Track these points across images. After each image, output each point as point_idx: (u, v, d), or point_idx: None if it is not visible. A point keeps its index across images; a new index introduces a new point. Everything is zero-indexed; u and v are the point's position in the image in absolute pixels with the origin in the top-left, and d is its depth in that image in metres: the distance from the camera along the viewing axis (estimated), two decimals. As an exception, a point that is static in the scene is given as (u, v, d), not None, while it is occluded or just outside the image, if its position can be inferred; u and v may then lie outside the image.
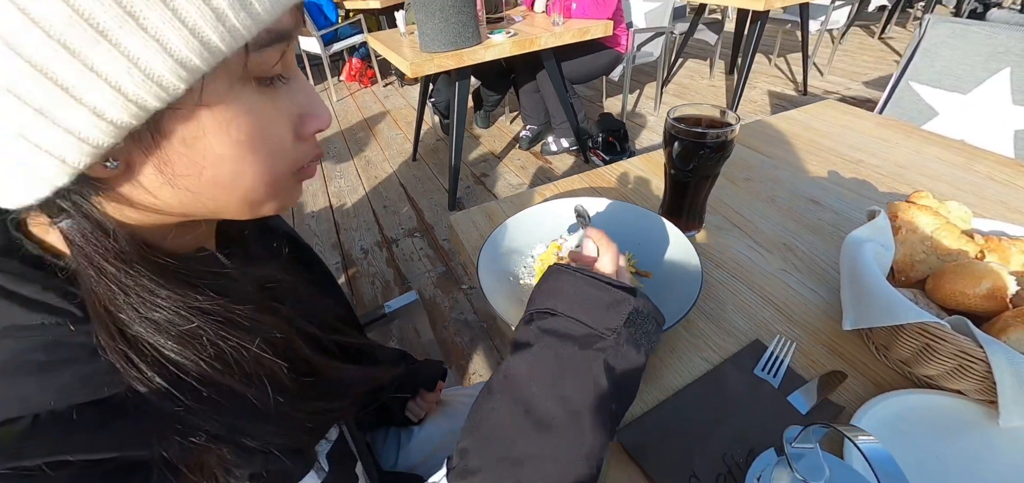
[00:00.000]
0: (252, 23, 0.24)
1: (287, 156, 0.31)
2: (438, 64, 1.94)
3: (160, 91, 0.23)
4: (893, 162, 0.90)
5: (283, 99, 0.30)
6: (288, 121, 0.31)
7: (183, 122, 0.25)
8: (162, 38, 0.22)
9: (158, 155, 0.26)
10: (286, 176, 0.32)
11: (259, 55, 0.27)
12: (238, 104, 0.27)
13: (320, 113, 0.33)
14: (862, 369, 0.51)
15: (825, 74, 3.67)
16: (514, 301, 0.60)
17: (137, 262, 0.28)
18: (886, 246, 0.53)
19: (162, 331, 0.28)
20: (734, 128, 0.61)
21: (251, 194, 0.31)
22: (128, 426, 0.27)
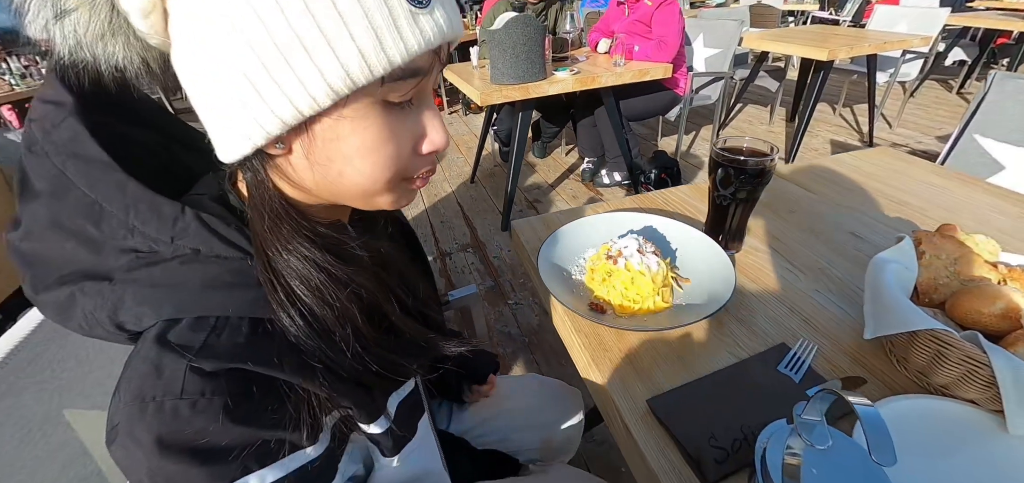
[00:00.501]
0: (387, 63, 0.31)
1: (402, 165, 0.38)
2: (505, 95, 2.11)
3: (314, 103, 0.31)
4: (941, 206, 0.93)
5: (409, 119, 0.38)
6: (409, 138, 0.38)
7: (327, 125, 0.34)
8: (323, 68, 0.30)
9: (308, 146, 0.35)
10: (398, 180, 0.39)
11: (392, 85, 0.34)
12: (368, 119, 0.34)
13: (436, 138, 0.40)
14: (882, 377, 0.56)
15: (894, 126, 3.55)
16: (565, 288, 0.70)
17: (283, 216, 0.37)
18: (909, 268, 0.59)
19: (292, 270, 0.37)
20: (772, 158, 0.69)
21: (367, 189, 0.38)
22: (270, 342, 0.37)
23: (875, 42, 2.68)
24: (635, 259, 0.65)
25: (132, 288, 0.34)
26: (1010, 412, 0.46)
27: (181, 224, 0.35)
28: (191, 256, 0.36)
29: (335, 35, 0.30)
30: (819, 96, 2.79)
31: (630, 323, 0.63)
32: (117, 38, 0.32)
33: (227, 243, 0.37)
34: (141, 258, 0.35)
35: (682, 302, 0.68)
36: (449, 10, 0.35)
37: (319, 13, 0.29)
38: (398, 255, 0.48)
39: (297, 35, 0.29)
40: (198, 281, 0.35)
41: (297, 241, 0.37)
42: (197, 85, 0.33)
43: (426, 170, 0.41)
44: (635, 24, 2.54)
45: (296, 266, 0.37)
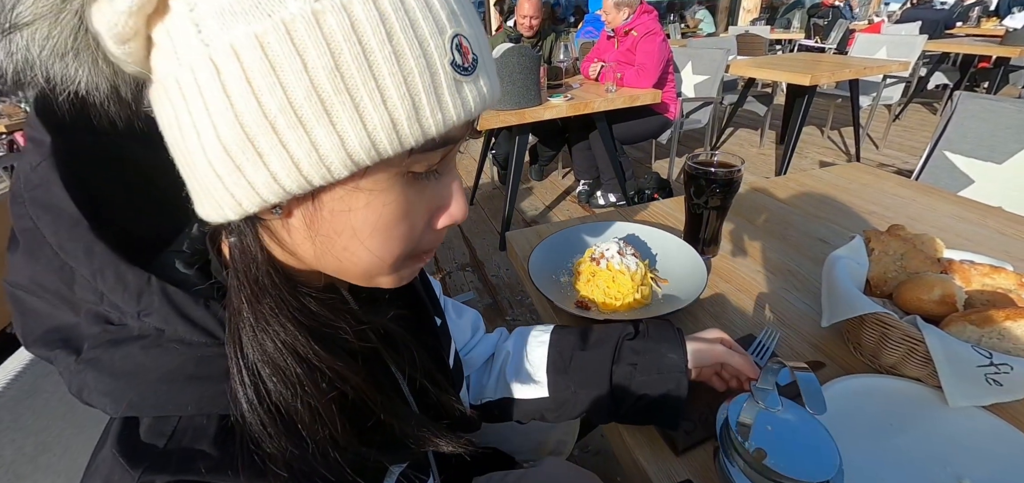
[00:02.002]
0: (421, 135, 0.27)
1: (414, 241, 0.33)
2: (503, 120, 2.21)
3: (327, 173, 0.26)
4: (906, 215, 1.00)
5: (429, 190, 0.32)
6: (426, 211, 0.33)
7: (338, 197, 0.29)
8: (343, 134, 0.25)
9: (311, 216, 0.29)
10: (406, 258, 0.34)
11: (422, 157, 0.29)
12: (388, 194, 0.29)
13: (456, 211, 0.34)
14: (839, 362, 0.62)
15: (881, 147, 3.66)
16: (554, 290, 0.76)
17: (268, 289, 0.31)
18: (860, 263, 0.65)
19: (265, 355, 0.31)
20: (739, 169, 0.76)
21: (371, 268, 0.33)
22: (232, 445, 0.30)
23: (856, 68, 2.80)
24: (615, 260, 0.71)
25: (93, 373, 0.30)
26: (947, 386, 0.52)
27: (146, 299, 0.30)
28: (155, 338, 0.31)
29: (365, 98, 0.25)
30: (805, 119, 2.89)
31: (612, 317, 0.69)
32: (82, 58, 0.26)
33: (192, 325, 0.31)
34: (109, 333, 0.31)
35: (660, 299, 0.74)
36: (491, 76, 0.31)
37: (349, 71, 0.25)
38: (404, 331, 0.41)
39: (318, 94, 0.24)
40: (156, 372, 0.30)
41: (279, 320, 0.31)
42: (179, 134, 0.27)
43: (438, 243, 0.36)
44: (624, 54, 2.66)
45: (270, 352, 0.31)
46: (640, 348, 0.54)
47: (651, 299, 0.73)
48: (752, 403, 0.48)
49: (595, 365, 0.55)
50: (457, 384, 0.57)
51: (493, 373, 0.63)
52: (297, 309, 0.32)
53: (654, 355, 0.53)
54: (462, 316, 0.67)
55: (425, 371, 0.44)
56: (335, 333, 0.34)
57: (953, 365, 0.51)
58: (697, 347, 0.54)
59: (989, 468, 0.49)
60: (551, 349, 0.59)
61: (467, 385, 0.64)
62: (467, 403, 0.63)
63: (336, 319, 0.34)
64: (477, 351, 0.65)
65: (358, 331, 0.35)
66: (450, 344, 0.58)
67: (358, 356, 0.35)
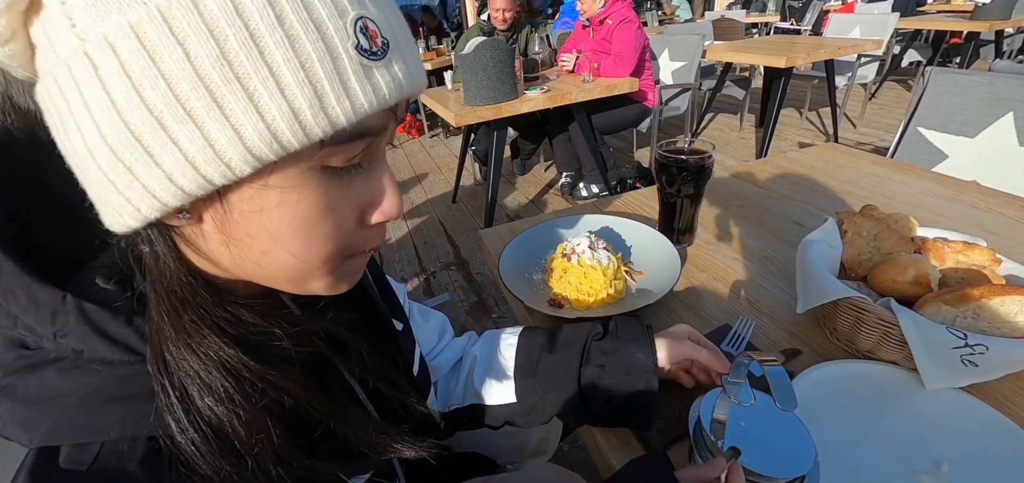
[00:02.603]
0: (328, 125, 0.25)
1: (344, 241, 0.31)
2: (479, 115, 2.18)
3: (227, 171, 0.24)
4: (882, 194, 0.99)
5: (355, 186, 0.31)
6: (354, 208, 0.31)
7: (247, 196, 0.27)
8: (239, 127, 0.23)
9: (221, 219, 0.27)
10: (338, 260, 0.32)
11: (336, 149, 0.27)
12: (302, 190, 0.27)
13: (388, 206, 0.33)
14: (816, 348, 0.61)
15: (858, 126, 3.70)
16: (527, 289, 0.74)
17: (189, 301, 0.29)
18: (834, 246, 0.64)
19: (191, 372, 0.29)
20: (710, 155, 0.74)
21: (297, 272, 0.31)
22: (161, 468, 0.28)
23: (830, 48, 2.81)
24: (587, 255, 0.69)
25: (7, 403, 0.28)
26: (922, 369, 0.51)
27: (61, 318, 0.28)
28: (72, 359, 0.29)
29: (259, 87, 0.23)
30: (783, 101, 2.90)
31: (584, 314, 0.67)
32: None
33: (113, 343, 0.29)
34: (24, 358, 0.29)
35: (635, 292, 0.72)
36: (409, 61, 0.29)
37: (238, 59, 0.23)
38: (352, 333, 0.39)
39: (205, 85, 0.22)
40: (74, 396, 0.28)
41: (201, 333, 0.29)
42: (65, 136, 0.25)
43: (373, 244, 0.34)
44: (600, 43, 2.64)
45: (196, 367, 0.29)
46: (608, 348, 0.52)
47: (625, 293, 0.72)
48: (724, 399, 0.46)
49: (563, 368, 0.53)
50: (424, 390, 0.55)
51: (461, 379, 0.61)
52: (224, 319, 0.30)
53: (622, 355, 0.51)
54: (429, 320, 0.65)
55: (380, 374, 0.42)
56: (269, 341, 0.32)
57: (928, 348, 0.50)
58: (666, 344, 0.52)
59: (966, 448, 0.47)
60: (519, 352, 0.57)
61: (435, 391, 0.61)
62: (436, 410, 0.60)
63: (271, 326, 0.32)
64: (444, 356, 0.63)
65: (296, 337, 0.33)
66: (414, 349, 0.55)
67: (298, 364, 0.33)
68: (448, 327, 0.67)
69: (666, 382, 0.54)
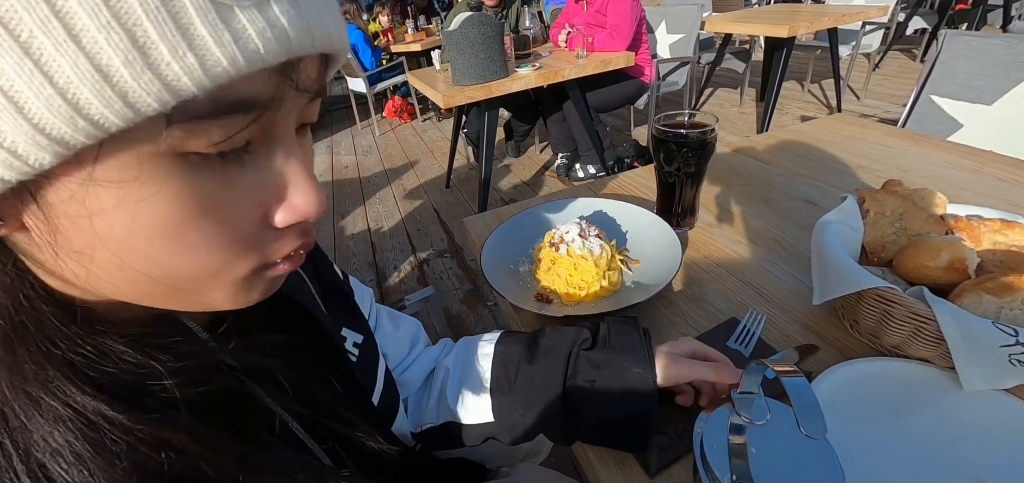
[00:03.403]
0: (164, 91, 0.18)
1: (239, 250, 0.24)
2: (468, 96, 2.08)
3: (14, 160, 0.18)
4: (896, 167, 0.91)
5: (247, 179, 0.23)
6: (249, 207, 0.24)
7: (66, 195, 0.20)
8: (20, 98, 0.17)
9: (44, 226, 0.21)
10: (237, 271, 0.25)
11: (194, 128, 0.20)
12: (150, 185, 0.20)
13: (300, 201, 0.25)
14: (835, 343, 0.54)
15: (862, 98, 3.59)
16: (513, 282, 0.67)
17: (28, 333, 0.22)
18: (854, 228, 0.57)
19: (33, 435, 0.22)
20: (713, 129, 0.67)
21: (171, 289, 0.24)
22: None
23: (834, 16, 2.70)
24: (577, 244, 0.62)
25: None
26: (961, 368, 0.44)
27: None
28: None
29: (40, 38, 0.16)
30: (784, 73, 2.80)
31: (575, 310, 0.60)
32: None
33: None
34: None
35: (631, 284, 0.65)
36: (303, 5, 0.21)
37: None
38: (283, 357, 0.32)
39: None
40: None
41: (46, 376, 0.22)
42: None
43: (293, 251, 0.27)
44: (594, 16, 2.53)
45: (44, 432, 0.22)
46: (599, 360, 0.45)
47: (620, 285, 0.64)
48: (733, 416, 0.39)
49: (544, 381, 0.46)
50: (387, 414, 0.48)
51: (433, 394, 0.54)
52: (82, 356, 0.23)
53: (616, 369, 0.44)
54: (399, 327, 0.58)
55: (315, 406, 0.35)
56: (146, 382, 0.25)
57: (970, 345, 0.43)
58: (664, 359, 0.45)
59: (1013, 459, 0.41)
60: (495, 363, 0.50)
61: (405, 408, 0.55)
62: (406, 430, 0.53)
63: (149, 362, 0.25)
64: (414, 369, 0.56)
65: (191, 372, 0.26)
66: (377, 365, 0.48)
67: (203, 404, 0.26)
68: (421, 335, 0.60)
69: (667, 391, 0.47)
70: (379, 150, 4.20)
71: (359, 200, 3.25)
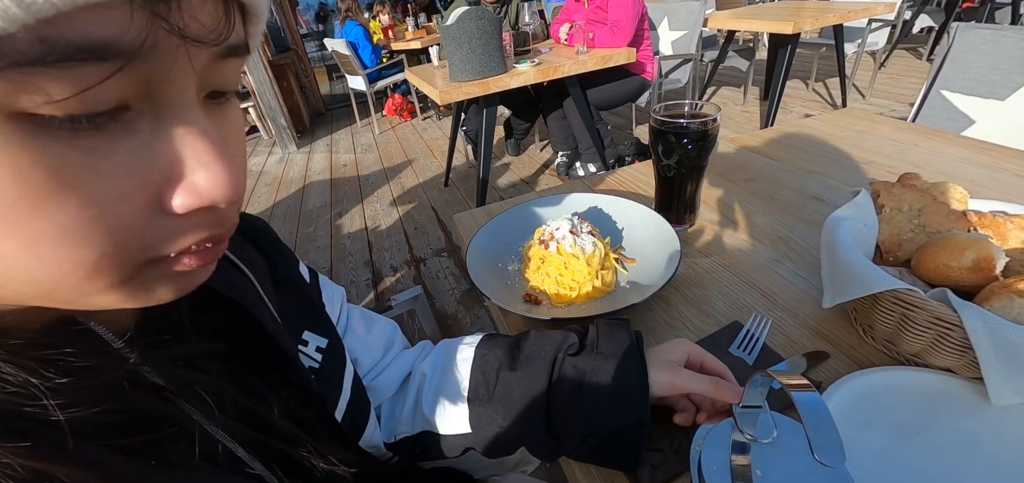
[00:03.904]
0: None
1: (125, 238, 0.20)
2: (466, 92, 2.04)
3: None
4: (909, 162, 0.87)
5: (126, 151, 0.19)
6: (133, 186, 0.20)
7: None
8: None
9: None
10: (123, 269, 0.21)
11: (23, 78, 0.16)
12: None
13: (203, 182, 0.21)
14: (848, 351, 0.50)
15: (867, 97, 3.54)
16: (500, 283, 0.62)
17: None
18: (868, 225, 0.52)
19: None
20: (715, 118, 0.62)
21: (39, 288, 0.20)
22: None
23: (840, 12, 2.65)
24: (567, 241, 0.58)
25: None
26: (990, 379, 0.40)
27: None
28: None
29: None
30: (788, 71, 2.75)
31: (565, 312, 0.55)
32: None
33: None
34: None
35: (626, 284, 0.60)
36: None
37: None
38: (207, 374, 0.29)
39: None
40: None
41: None
42: None
43: (201, 239, 0.23)
44: (595, 12, 2.48)
45: None
46: (585, 366, 0.40)
47: (615, 286, 0.60)
48: (736, 432, 0.35)
49: (525, 390, 0.41)
50: (358, 421, 0.44)
51: (408, 401, 0.50)
52: None
53: (603, 376, 0.39)
54: (372, 329, 0.53)
55: (257, 423, 0.31)
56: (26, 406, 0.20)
57: (1001, 354, 0.38)
58: (656, 365, 0.41)
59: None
60: (474, 368, 0.45)
61: (379, 417, 0.50)
62: (379, 441, 0.49)
63: (39, 378, 0.21)
64: (388, 374, 0.51)
65: (88, 391, 0.22)
66: (343, 371, 0.44)
67: (112, 426, 0.22)
68: (397, 337, 0.55)
69: (660, 404, 0.42)
70: (378, 148, 4.16)
71: (357, 199, 3.21)
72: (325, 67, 5.97)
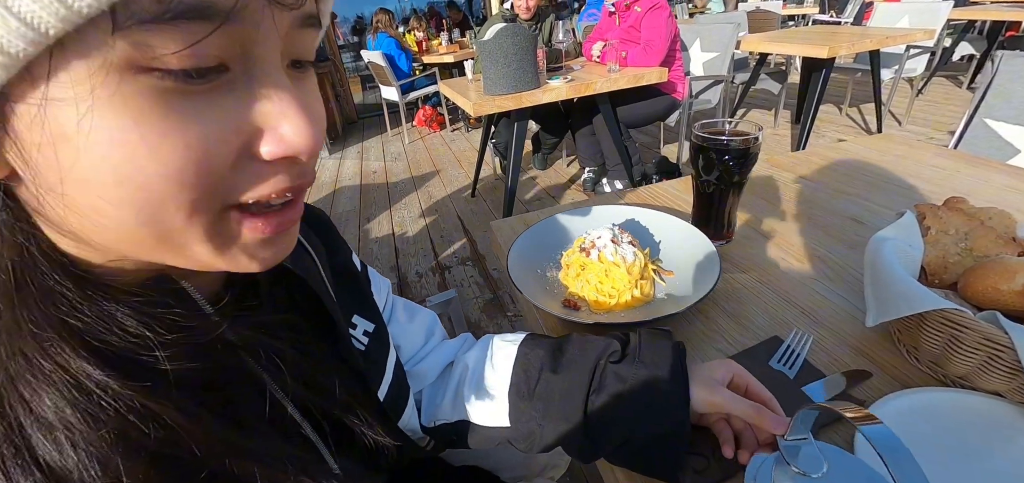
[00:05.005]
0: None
1: (219, 178, 0.22)
2: (499, 105, 2.08)
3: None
4: (952, 189, 0.85)
5: (227, 103, 0.21)
6: (230, 133, 0.22)
7: (27, 120, 0.19)
8: None
9: (20, 158, 0.20)
10: (210, 211, 0.23)
11: (146, 35, 0.18)
12: (113, 104, 0.19)
13: (290, 134, 0.23)
14: (891, 371, 0.50)
15: (904, 124, 3.46)
16: (539, 287, 0.64)
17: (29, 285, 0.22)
18: (913, 246, 0.52)
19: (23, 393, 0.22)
20: (756, 138, 0.63)
21: (152, 232, 0.22)
22: None
23: (877, 38, 2.61)
24: (609, 250, 0.59)
25: None
26: (1041, 403, 0.40)
27: None
28: None
29: None
30: (822, 95, 2.72)
31: (605, 319, 0.57)
32: None
33: None
34: None
35: (664, 296, 0.62)
36: None
37: None
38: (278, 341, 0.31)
39: None
40: None
41: (44, 339, 0.21)
42: None
43: (280, 187, 0.24)
44: (628, 31, 2.51)
45: (33, 390, 0.21)
46: (627, 375, 0.41)
47: (653, 296, 0.61)
48: (782, 466, 0.35)
49: (566, 393, 0.43)
50: (398, 404, 0.47)
51: (449, 390, 0.52)
52: (83, 319, 0.22)
53: (646, 387, 0.40)
54: (414, 319, 0.56)
55: (316, 389, 0.34)
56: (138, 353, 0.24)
57: (1052, 376, 0.38)
58: (698, 382, 0.41)
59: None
60: (516, 366, 0.47)
61: (418, 402, 0.53)
62: (416, 425, 0.51)
63: (153, 332, 0.24)
64: (430, 361, 0.54)
65: (188, 347, 0.25)
66: (387, 356, 0.46)
67: (195, 380, 0.25)
68: (437, 328, 0.58)
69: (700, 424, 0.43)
70: (407, 157, 4.26)
71: (385, 205, 3.29)
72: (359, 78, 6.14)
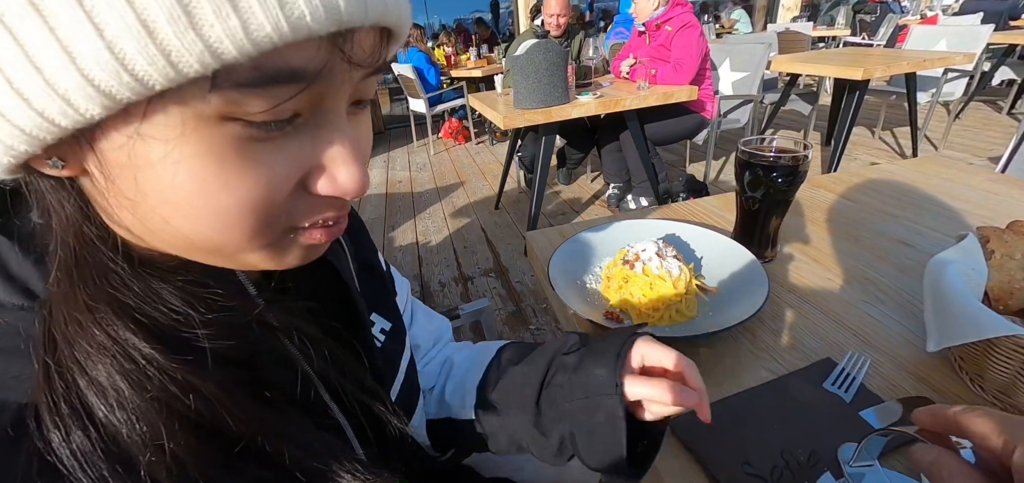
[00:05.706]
0: (206, 53, 0.18)
1: (272, 213, 0.25)
2: (528, 119, 2.11)
3: (69, 109, 0.19)
4: (1006, 214, 0.82)
5: (292, 147, 0.24)
6: (289, 172, 0.24)
7: (117, 146, 0.21)
8: (72, 46, 0.18)
9: (100, 170, 0.22)
10: (270, 232, 0.26)
11: (240, 95, 0.20)
12: (198, 146, 0.21)
13: (343, 176, 0.25)
14: (953, 399, 0.48)
15: (940, 148, 3.36)
16: (579, 298, 0.64)
17: (88, 264, 0.24)
18: (977, 270, 0.51)
19: (80, 361, 0.23)
20: (806, 156, 0.63)
21: (212, 243, 0.25)
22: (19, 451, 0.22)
23: (913, 61, 2.56)
24: (654, 263, 0.59)
25: None
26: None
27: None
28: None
29: None
30: (855, 117, 2.67)
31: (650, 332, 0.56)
32: None
33: (7, 279, 0.25)
34: None
35: (708, 313, 0.61)
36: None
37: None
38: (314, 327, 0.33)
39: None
40: None
41: (97, 311, 0.24)
42: None
43: (327, 217, 0.27)
44: (657, 50, 2.51)
45: (87, 355, 0.23)
46: (572, 364, 0.40)
47: (696, 311, 0.61)
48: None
49: (521, 386, 0.43)
50: (408, 404, 0.47)
51: (437, 388, 0.53)
52: (132, 296, 0.25)
53: (583, 373, 0.39)
54: (429, 322, 0.58)
55: (344, 373, 0.35)
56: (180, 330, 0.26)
57: None
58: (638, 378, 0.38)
59: None
60: (492, 362, 0.48)
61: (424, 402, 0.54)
62: (423, 427, 0.52)
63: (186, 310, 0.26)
64: (432, 365, 0.55)
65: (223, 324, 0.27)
66: (401, 356, 0.47)
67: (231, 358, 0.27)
68: (446, 334, 0.59)
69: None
70: (432, 168, 4.31)
71: (410, 214, 3.33)
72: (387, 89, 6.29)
